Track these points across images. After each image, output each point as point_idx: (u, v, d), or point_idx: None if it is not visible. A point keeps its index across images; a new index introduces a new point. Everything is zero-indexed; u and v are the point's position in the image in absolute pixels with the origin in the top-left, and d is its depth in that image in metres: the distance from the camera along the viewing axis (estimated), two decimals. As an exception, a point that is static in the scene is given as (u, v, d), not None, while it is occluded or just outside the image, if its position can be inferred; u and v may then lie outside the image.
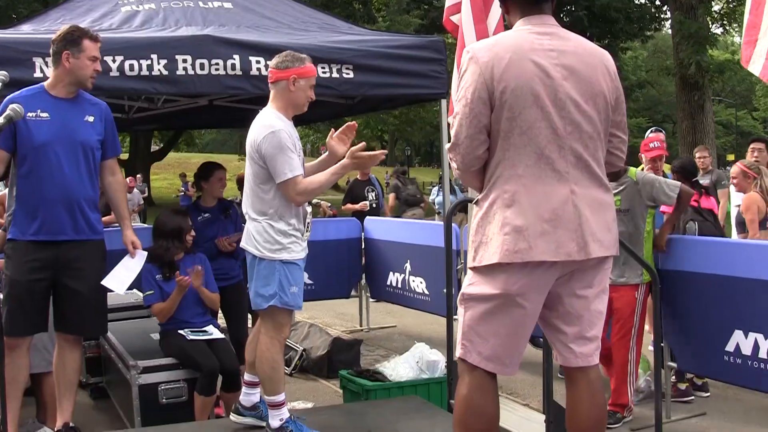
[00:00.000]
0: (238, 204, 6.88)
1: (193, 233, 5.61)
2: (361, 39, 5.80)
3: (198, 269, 5.39)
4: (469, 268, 3.23)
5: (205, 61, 5.07)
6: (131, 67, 4.92)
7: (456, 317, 3.64)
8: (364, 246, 9.15)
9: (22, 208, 4.39)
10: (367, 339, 8.66)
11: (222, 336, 5.56)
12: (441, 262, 5.81)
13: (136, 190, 19.35)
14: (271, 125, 4.22)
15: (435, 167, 63.02)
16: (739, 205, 7.22)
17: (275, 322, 4.35)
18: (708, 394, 6.54)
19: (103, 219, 8.63)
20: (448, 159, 3.33)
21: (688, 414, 6.13)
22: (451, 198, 8.54)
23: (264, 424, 4.46)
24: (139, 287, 6.58)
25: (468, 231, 3.42)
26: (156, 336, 5.75)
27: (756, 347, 5.11)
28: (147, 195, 21.64)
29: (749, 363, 5.17)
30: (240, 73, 5.14)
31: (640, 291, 5.79)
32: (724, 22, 29.40)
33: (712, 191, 8.07)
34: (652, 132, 8.33)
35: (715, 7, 27.54)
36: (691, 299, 5.58)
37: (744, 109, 66.73)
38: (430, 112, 33.62)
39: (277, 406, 4.40)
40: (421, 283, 8.10)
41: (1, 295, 4.50)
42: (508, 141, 3.09)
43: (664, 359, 5.83)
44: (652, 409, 5.05)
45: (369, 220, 9.32)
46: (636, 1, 31.90)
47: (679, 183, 5.93)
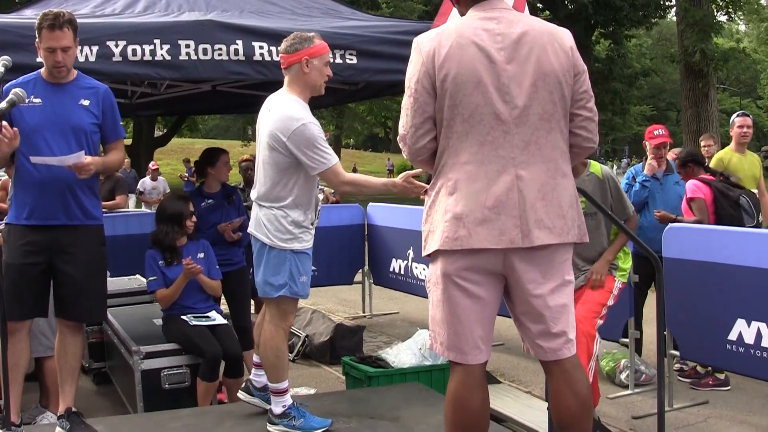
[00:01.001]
0: (241, 190, 6.89)
1: (194, 219, 5.60)
2: (365, 25, 5.77)
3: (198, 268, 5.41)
4: (426, 258, 3.26)
5: (208, 46, 5.04)
6: (134, 52, 4.90)
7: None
8: (367, 232, 9.15)
9: (18, 193, 4.39)
10: (369, 325, 8.68)
11: (225, 322, 5.56)
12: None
13: (161, 178, 18.45)
14: (300, 117, 4.17)
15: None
16: None
17: (280, 310, 4.35)
18: (729, 388, 6.51)
19: (106, 204, 8.70)
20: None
21: (690, 402, 6.14)
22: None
23: (269, 407, 4.48)
24: (142, 273, 6.59)
25: None
26: (159, 321, 5.75)
27: (759, 336, 5.12)
28: (136, 180, 21.09)
29: (752, 352, 5.17)
30: (243, 58, 5.12)
31: (615, 286, 5.32)
32: (729, 10, 29.22)
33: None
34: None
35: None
36: (693, 288, 5.58)
37: (748, 98, 66.51)
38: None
39: (281, 393, 4.41)
40: (423, 269, 8.10)
41: None
42: (451, 129, 3.09)
43: (667, 348, 5.83)
44: (654, 397, 5.05)
45: (372, 206, 9.32)
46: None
47: (633, 208, 5.52)
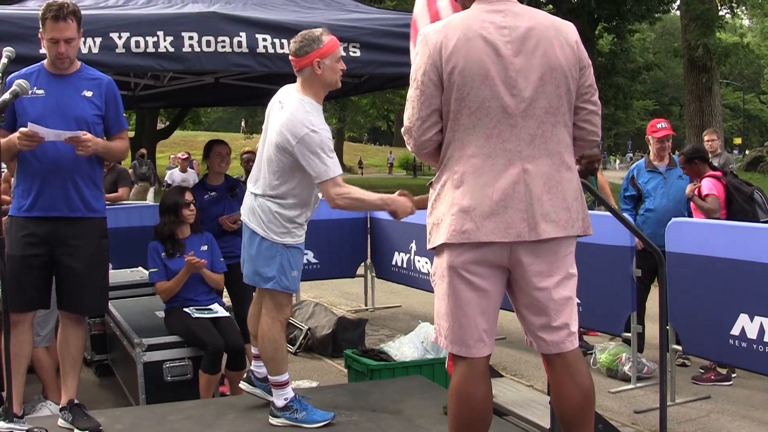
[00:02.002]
0: (244, 182, 6.88)
1: (192, 208, 5.59)
2: (368, 17, 5.75)
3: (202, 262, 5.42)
4: (430, 252, 3.25)
5: (211, 38, 5.03)
6: (137, 43, 4.89)
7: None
8: (369, 226, 9.15)
9: (20, 184, 4.38)
10: (372, 318, 8.67)
11: (227, 314, 5.57)
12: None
13: (192, 171, 18.02)
14: (311, 124, 4.13)
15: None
16: None
17: (275, 302, 4.37)
18: (731, 383, 6.51)
19: (108, 196, 8.70)
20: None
21: (692, 397, 6.13)
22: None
23: (271, 398, 4.48)
24: (144, 265, 6.59)
25: None
26: (161, 314, 5.76)
27: (762, 331, 5.12)
28: (153, 173, 21.01)
29: (754, 347, 5.17)
30: (246, 50, 5.11)
31: None
32: (733, 4, 29.13)
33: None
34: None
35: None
36: (696, 282, 5.57)
37: (752, 93, 66.44)
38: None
39: (281, 385, 4.41)
40: (426, 263, 8.10)
41: None
42: (458, 122, 3.09)
43: (670, 342, 5.82)
44: (656, 392, 5.04)
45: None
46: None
47: None
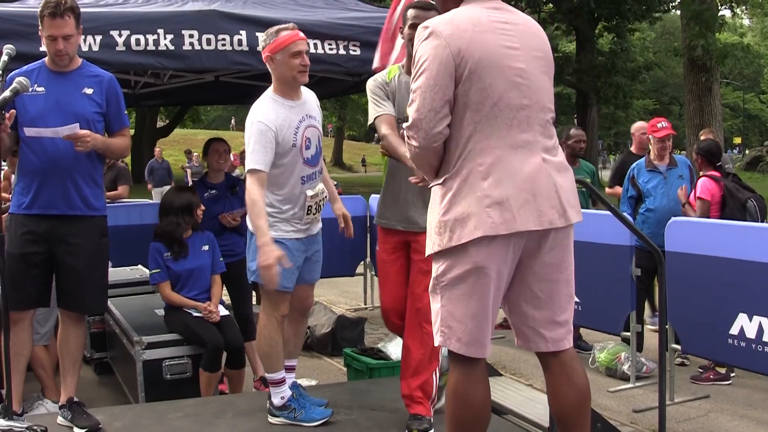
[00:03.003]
0: (244, 180, 6.88)
1: (203, 207, 5.60)
2: (369, 16, 5.75)
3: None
4: (438, 253, 3.09)
5: (211, 36, 5.03)
6: (137, 41, 4.89)
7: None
8: (369, 224, 9.15)
9: (20, 182, 4.38)
10: (371, 317, 8.67)
11: (226, 312, 5.57)
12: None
13: (239, 170, 17.69)
14: (255, 115, 4.28)
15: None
16: None
17: (269, 299, 4.39)
18: (730, 382, 6.52)
19: (108, 194, 8.69)
20: (406, 139, 3.19)
21: (691, 396, 6.14)
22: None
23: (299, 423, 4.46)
24: (144, 263, 6.59)
25: None
26: (161, 312, 5.76)
27: (760, 330, 5.12)
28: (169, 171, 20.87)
29: (753, 346, 5.17)
30: (246, 48, 5.11)
31: None
32: (733, 4, 29.11)
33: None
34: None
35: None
36: (695, 282, 5.57)
37: (752, 92, 66.40)
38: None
39: (277, 383, 4.42)
40: (425, 262, 8.08)
41: None
42: (480, 113, 3.03)
43: (668, 341, 5.83)
44: (655, 391, 5.05)
45: (375, 197, 9.30)
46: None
47: None
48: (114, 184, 9.31)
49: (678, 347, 5.94)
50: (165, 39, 4.95)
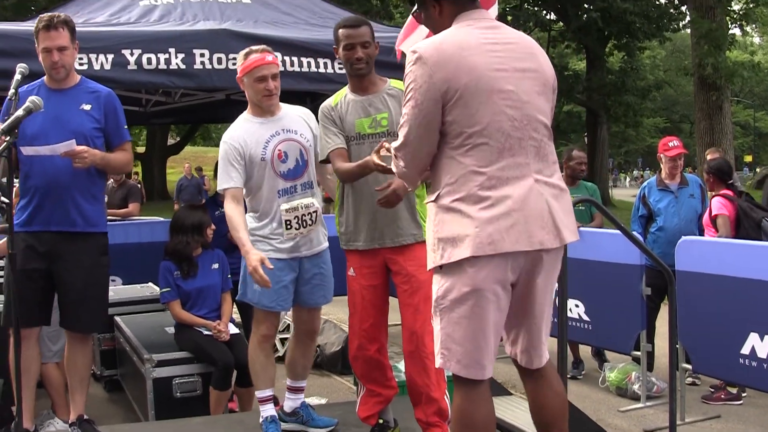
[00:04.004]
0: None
1: (213, 227, 5.62)
2: (378, 35, 5.76)
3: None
4: (438, 272, 3.11)
5: (222, 55, 5.07)
6: (149, 60, 4.93)
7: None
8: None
9: (21, 198, 4.40)
10: (380, 336, 8.64)
11: (237, 331, 5.57)
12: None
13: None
14: (223, 136, 4.36)
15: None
16: None
17: (254, 317, 4.48)
18: (741, 402, 6.48)
19: (119, 212, 8.71)
20: (393, 159, 3.24)
21: (702, 416, 6.10)
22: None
23: (307, 429, 4.62)
24: (154, 281, 6.60)
25: None
26: (171, 330, 5.76)
27: (772, 350, 5.09)
28: (163, 188, 20.95)
29: (765, 366, 5.14)
30: (257, 68, 5.13)
31: None
32: (743, 23, 29.10)
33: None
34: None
35: (735, 7, 27.22)
36: (706, 301, 5.55)
37: (762, 110, 66.25)
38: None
39: (260, 401, 4.49)
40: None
41: None
42: (471, 138, 3.04)
43: (679, 361, 5.80)
44: (666, 411, 5.02)
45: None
46: (656, 1, 31.74)
47: None
48: (125, 202, 9.33)
49: (689, 367, 5.91)
50: (176, 58, 4.99)
